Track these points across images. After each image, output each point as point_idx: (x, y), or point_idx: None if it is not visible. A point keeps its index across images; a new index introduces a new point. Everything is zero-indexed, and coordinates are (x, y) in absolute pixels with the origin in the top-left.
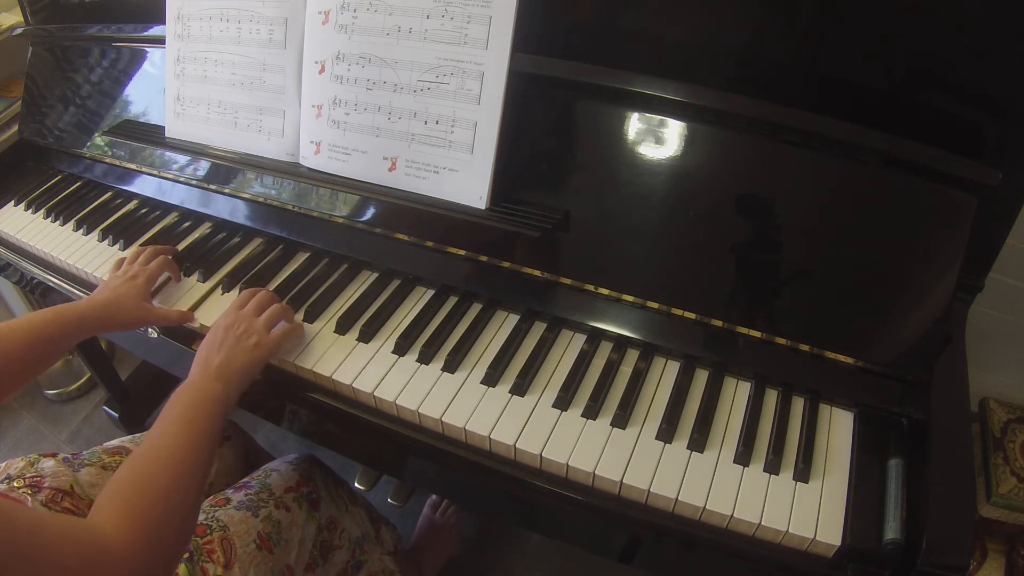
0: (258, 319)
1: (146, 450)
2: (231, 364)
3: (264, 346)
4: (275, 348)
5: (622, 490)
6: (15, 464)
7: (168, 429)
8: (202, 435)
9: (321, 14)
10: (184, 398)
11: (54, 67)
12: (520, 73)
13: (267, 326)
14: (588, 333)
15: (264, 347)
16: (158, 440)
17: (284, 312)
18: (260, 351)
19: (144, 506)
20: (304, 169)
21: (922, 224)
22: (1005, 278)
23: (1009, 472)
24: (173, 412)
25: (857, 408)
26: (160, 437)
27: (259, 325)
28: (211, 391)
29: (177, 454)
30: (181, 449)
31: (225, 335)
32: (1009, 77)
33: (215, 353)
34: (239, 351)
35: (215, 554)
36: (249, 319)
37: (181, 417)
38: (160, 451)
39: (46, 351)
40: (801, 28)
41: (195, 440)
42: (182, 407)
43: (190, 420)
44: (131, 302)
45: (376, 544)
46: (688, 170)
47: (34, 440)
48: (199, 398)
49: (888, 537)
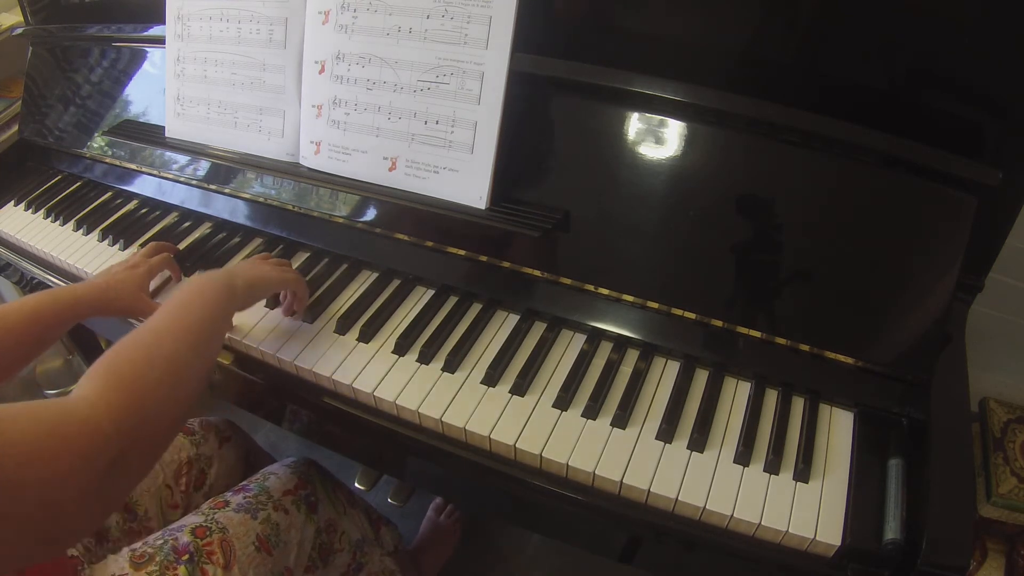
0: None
1: (146, 325)
2: (239, 271)
3: (273, 273)
4: (282, 280)
5: (622, 490)
6: None
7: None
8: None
9: (321, 14)
10: (188, 287)
11: (54, 67)
12: (520, 73)
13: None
14: (588, 333)
15: (273, 274)
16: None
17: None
18: (267, 274)
19: (131, 367)
20: (304, 169)
21: (922, 224)
22: (1005, 278)
23: (1009, 472)
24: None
25: (857, 408)
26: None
27: (272, 262)
28: (215, 280)
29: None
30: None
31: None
32: (1009, 77)
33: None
34: (249, 267)
35: (215, 555)
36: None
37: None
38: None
39: (42, 334)
40: (801, 28)
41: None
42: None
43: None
44: (128, 289)
45: (376, 545)
46: (688, 170)
47: None
48: (203, 285)
49: (888, 537)
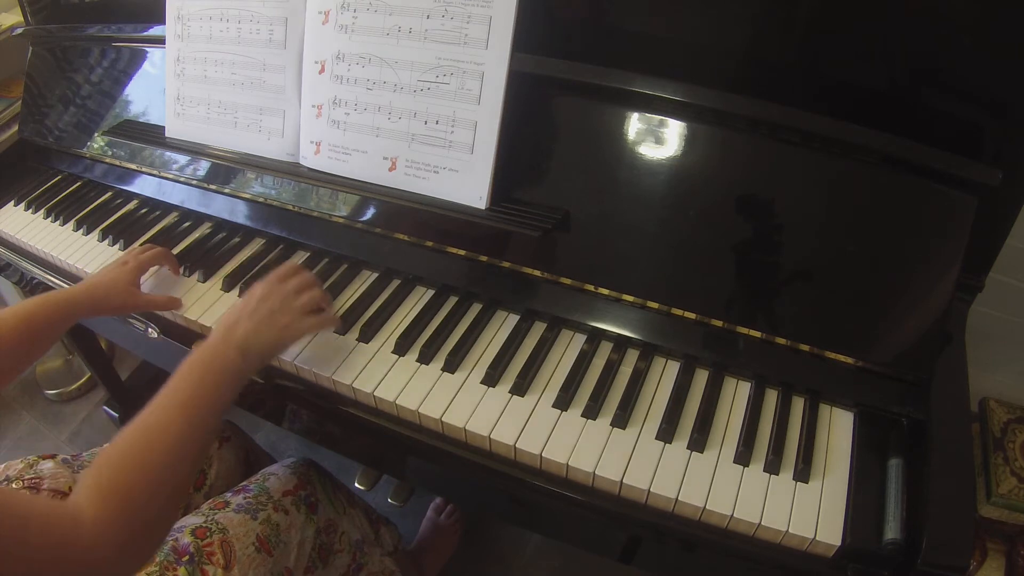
0: (296, 300)
1: (146, 420)
2: (256, 338)
3: (294, 330)
4: (304, 334)
5: (622, 490)
6: (14, 466)
7: (174, 398)
8: (207, 408)
9: (321, 14)
10: (198, 362)
11: (54, 67)
12: (520, 73)
13: (303, 311)
14: (588, 333)
15: (293, 331)
16: (162, 408)
17: (324, 300)
18: (288, 333)
19: (131, 481)
20: (304, 169)
21: (922, 224)
22: (1005, 278)
23: (1009, 472)
24: (184, 375)
25: (857, 408)
26: (164, 405)
27: (296, 306)
28: (229, 359)
29: (178, 429)
30: (184, 423)
31: (258, 306)
32: (1009, 77)
33: (243, 320)
34: (268, 327)
35: (215, 556)
36: (287, 297)
37: (190, 385)
38: (161, 423)
39: (38, 338)
40: (801, 28)
41: (201, 413)
42: (192, 373)
43: (198, 390)
44: (119, 286)
45: (376, 545)
46: (688, 170)
47: (34, 440)
48: (213, 364)
49: (888, 537)
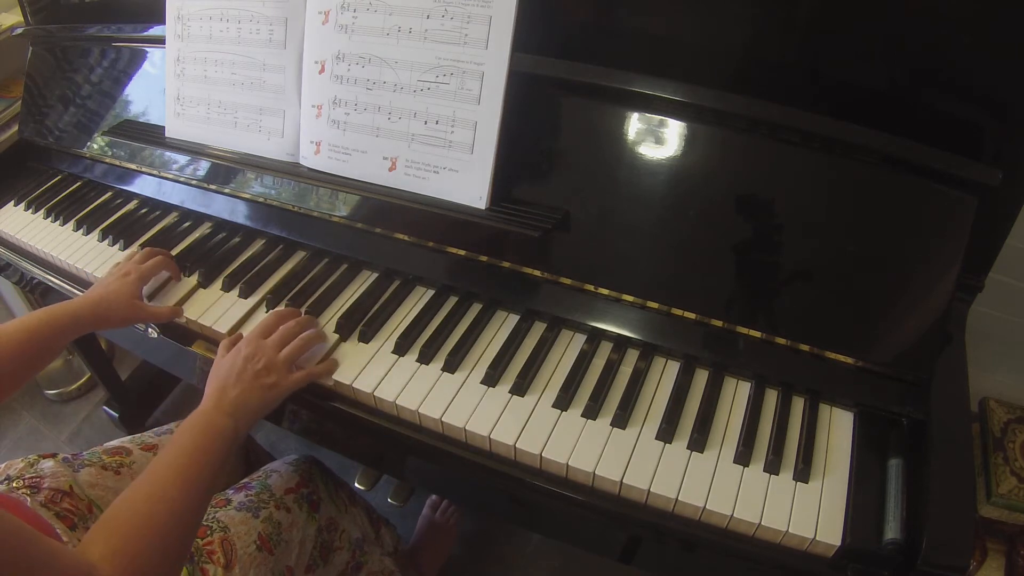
0: (279, 356)
1: (147, 482)
2: (245, 401)
3: (281, 388)
4: (292, 390)
5: (622, 490)
6: (15, 465)
7: (172, 463)
8: (204, 471)
9: (321, 14)
10: (193, 430)
11: (54, 67)
12: (520, 73)
13: (287, 364)
14: (588, 333)
15: (280, 388)
16: (161, 473)
17: (308, 344)
18: (276, 392)
19: (140, 547)
20: (304, 169)
21: (922, 224)
22: (1005, 278)
23: (1009, 472)
24: (179, 443)
25: (857, 408)
26: (163, 469)
27: (279, 363)
28: (221, 427)
29: (178, 496)
30: (182, 487)
31: (244, 367)
32: (1009, 77)
33: (231, 385)
34: (254, 389)
35: (215, 555)
36: (270, 354)
37: (187, 450)
38: (161, 491)
39: (41, 352)
40: (801, 28)
41: (198, 476)
42: (190, 439)
43: (194, 456)
44: (122, 300)
45: (376, 545)
46: (688, 170)
47: (34, 440)
48: (208, 432)
49: (888, 537)
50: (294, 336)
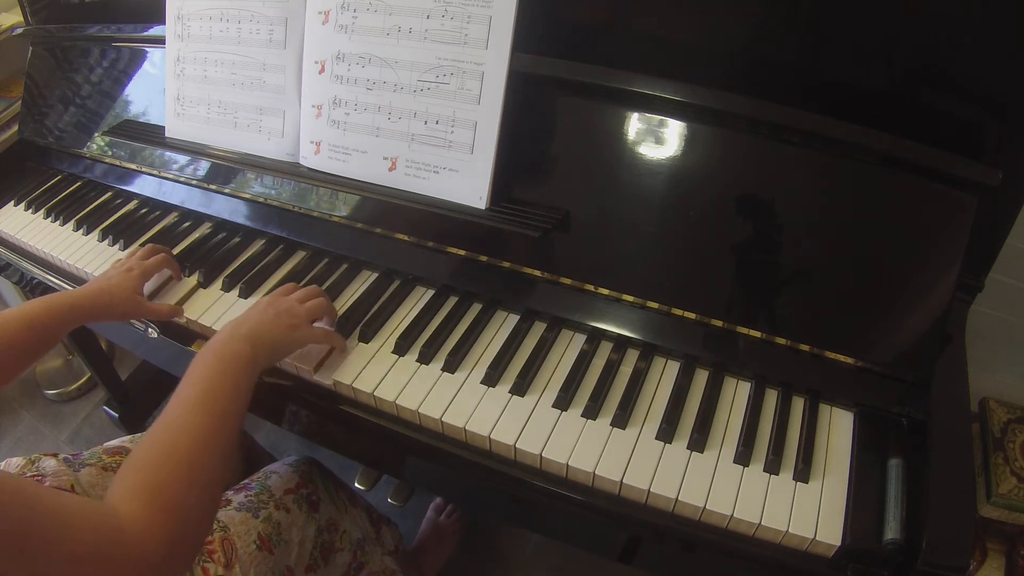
0: (301, 306)
1: (166, 420)
2: (262, 331)
3: (301, 331)
4: (310, 340)
5: (622, 490)
6: (15, 463)
7: (190, 394)
8: (227, 398)
9: (321, 14)
10: (207, 357)
11: (54, 67)
12: (520, 73)
13: (309, 316)
14: (588, 333)
15: (300, 332)
16: (179, 407)
17: (329, 310)
18: (296, 333)
19: (163, 483)
20: (304, 169)
21: (922, 224)
22: (1005, 278)
23: (1009, 472)
24: (195, 372)
25: (857, 408)
26: (181, 404)
27: (301, 311)
28: (238, 350)
29: (200, 422)
30: (204, 415)
31: (265, 309)
32: (1009, 77)
33: (250, 318)
34: (275, 325)
35: (216, 554)
36: (292, 303)
37: (204, 378)
38: (181, 419)
39: (39, 340)
40: (801, 28)
41: (219, 404)
42: (205, 368)
43: (212, 381)
44: (124, 294)
45: (376, 544)
46: (688, 170)
47: (34, 440)
48: (225, 356)
49: (888, 537)
50: (317, 295)
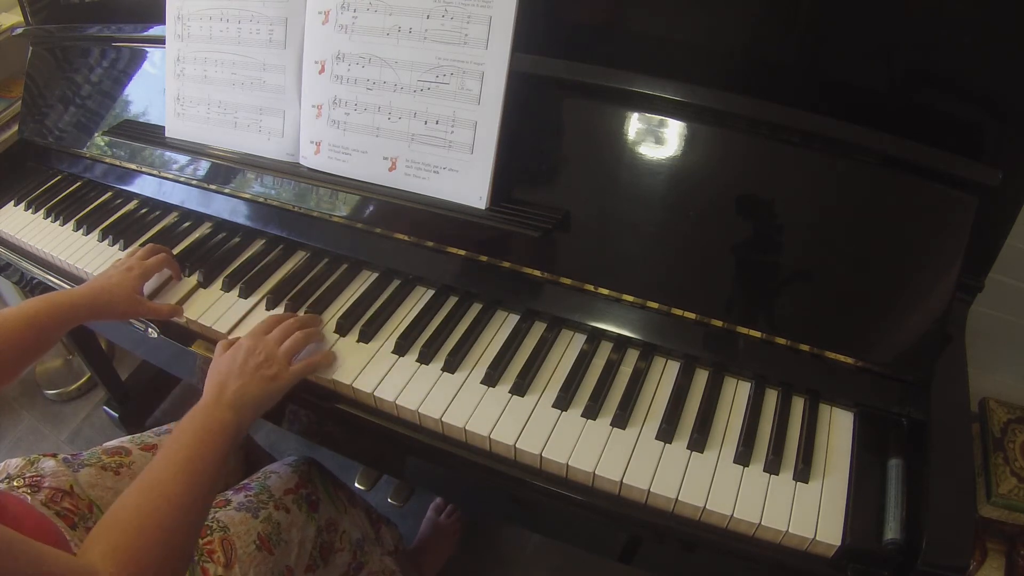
0: (279, 349)
1: (148, 480)
2: (246, 394)
3: (282, 379)
4: (293, 382)
5: (622, 490)
6: (14, 463)
7: (174, 459)
8: (208, 467)
9: (321, 14)
10: (194, 425)
11: (54, 67)
12: (520, 73)
13: (287, 357)
14: (588, 333)
15: (282, 380)
16: (162, 470)
17: (307, 339)
18: (277, 384)
19: (142, 549)
20: (304, 169)
21: (922, 224)
22: (1005, 278)
23: (1009, 472)
24: (181, 439)
25: (857, 408)
26: (165, 466)
27: (280, 356)
28: (222, 420)
29: (181, 491)
30: (185, 482)
31: (245, 360)
32: (1009, 77)
33: (232, 379)
34: (256, 381)
35: (215, 554)
36: (270, 348)
37: (188, 446)
38: (164, 486)
39: (39, 340)
40: (802, 28)
41: (200, 471)
42: (191, 434)
43: (197, 451)
44: (123, 293)
45: (376, 544)
46: (688, 170)
47: (34, 440)
48: (210, 426)
49: (888, 537)
50: (293, 331)
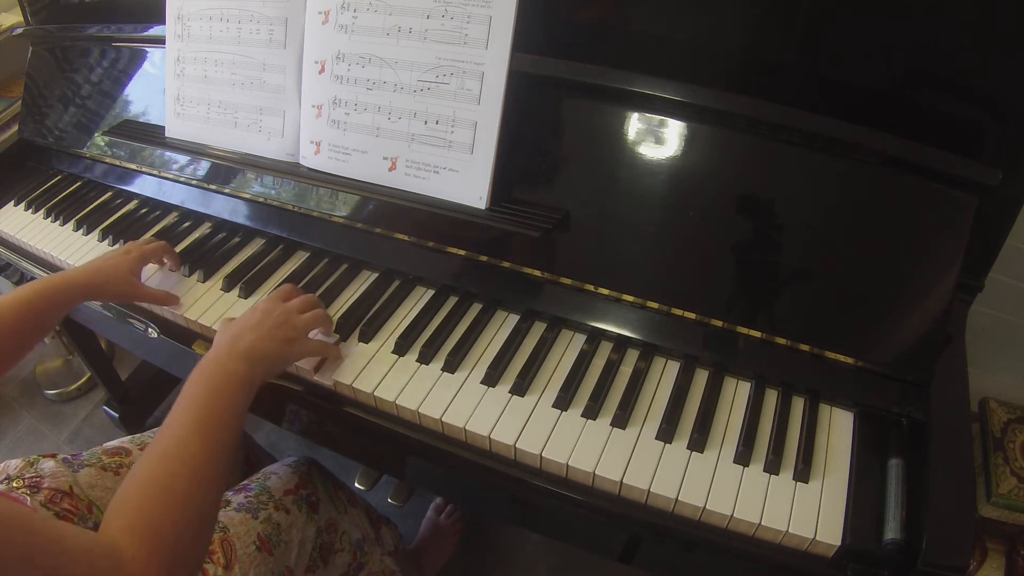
0: (299, 317)
1: (162, 444)
2: (261, 348)
3: (298, 345)
4: (307, 354)
5: (622, 490)
6: (14, 464)
7: (186, 419)
8: (223, 423)
9: (321, 14)
10: (205, 377)
11: (54, 67)
12: (520, 73)
13: (306, 328)
14: (588, 333)
15: (298, 346)
16: (175, 431)
17: (326, 321)
18: (293, 348)
19: (161, 519)
20: (304, 169)
21: (922, 224)
22: (1005, 278)
23: (1009, 472)
24: (192, 393)
25: (857, 408)
26: (178, 428)
27: (299, 324)
28: (235, 371)
29: (196, 451)
30: (201, 442)
31: (262, 319)
32: (1009, 77)
33: (247, 332)
34: (272, 339)
35: (215, 555)
36: (290, 314)
37: (200, 401)
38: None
39: (37, 323)
40: (802, 28)
41: (216, 428)
42: (202, 387)
43: (210, 407)
44: (120, 274)
45: (376, 545)
46: (689, 170)
47: (34, 440)
48: (222, 378)
49: (888, 537)
50: (314, 307)
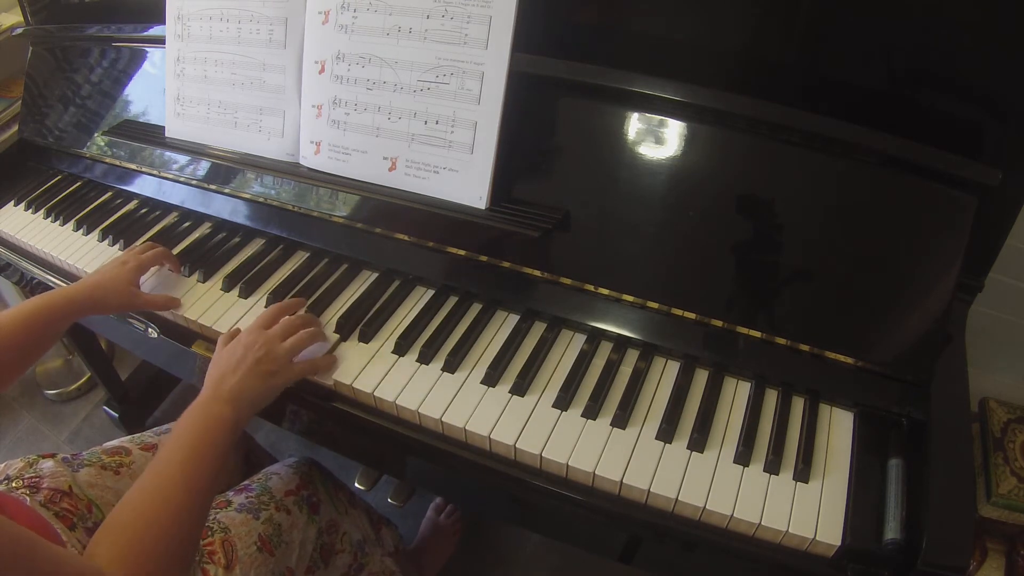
0: (281, 345)
1: (150, 481)
2: (244, 389)
3: (282, 376)
4: (293, 380)
5: (622, 490)
6: (14, 465)
7: (173, 458)
8: (206, 465)
9: (321, 14)
10: (192, 421)
11: (54, 67)
12: (520, 73)
13: (290, 355)
14: (588, 333)
15: (282, 377)
16: (162, 470)
17: (312, 338)
18: (277, 380)
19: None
20: (304, 169)
21: (922, 224)
22: (1005, 278)
23: (1009, 472)
24: (179, 437)
25: (857, 408)
26: (165, 466)
27: (281, 352)
28: (220, 415)
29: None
30: (183, 483)
31: (244, 355)
32: (1009, 77)
33: (230, 373)
34: (255, 376)
35: (216, 555)
36: (272, 343)
37: (186, 445)
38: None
39: (39, 338)
40: (802, 28)
41: (200, 470)
42: (190, 432)
43: (195, 449)
44: (119, 286)
45: (376, 545)
46: (688, 170)
47: (34, 440)
48: (208, 422)
49: (888, 537)
50: (296, 329)
